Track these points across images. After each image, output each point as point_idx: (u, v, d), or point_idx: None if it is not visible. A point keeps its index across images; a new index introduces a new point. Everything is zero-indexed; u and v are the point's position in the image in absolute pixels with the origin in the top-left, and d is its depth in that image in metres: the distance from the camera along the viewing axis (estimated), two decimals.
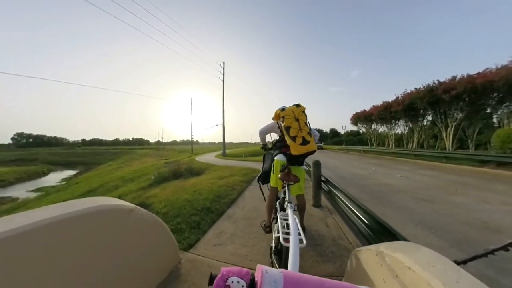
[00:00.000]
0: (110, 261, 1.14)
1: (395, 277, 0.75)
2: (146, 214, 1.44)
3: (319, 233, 2.32)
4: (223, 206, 3.18)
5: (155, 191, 4.73)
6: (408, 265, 0.72)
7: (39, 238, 0.84)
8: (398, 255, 0.78)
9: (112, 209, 1.18)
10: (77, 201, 1.12)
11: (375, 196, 4.05)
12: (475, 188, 4.68)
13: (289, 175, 1.57)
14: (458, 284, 0.59)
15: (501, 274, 1.75)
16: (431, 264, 0.68)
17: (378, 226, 1.48)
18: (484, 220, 2.87)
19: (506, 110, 10.41)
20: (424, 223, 2.79)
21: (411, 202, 3.72)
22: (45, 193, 14.29)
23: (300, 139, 1.66)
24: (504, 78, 9.27)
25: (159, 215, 2.93)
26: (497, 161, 7.00)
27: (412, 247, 0.86)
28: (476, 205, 3.51)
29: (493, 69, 10.49)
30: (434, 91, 12.25)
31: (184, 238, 2.12)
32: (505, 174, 6.07)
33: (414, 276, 0.68)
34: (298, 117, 1.73)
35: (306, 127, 1.72)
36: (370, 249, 0.99)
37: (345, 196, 2.22)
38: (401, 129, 17.95)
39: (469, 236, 2.44)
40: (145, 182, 7.57)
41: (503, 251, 2.12)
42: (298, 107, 1.81)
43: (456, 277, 0.63)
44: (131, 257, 1.28)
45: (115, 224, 1.19)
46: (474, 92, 10.45)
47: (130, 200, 4.44)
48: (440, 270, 0.65)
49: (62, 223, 0.91)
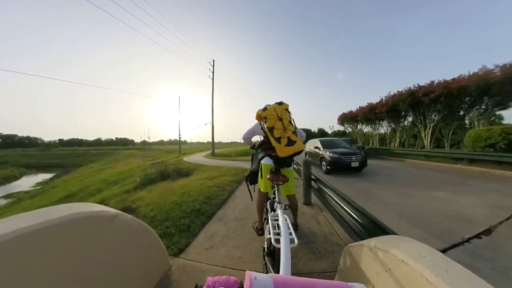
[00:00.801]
0: (92, 274, 1.04)
1: (389, 270, 0.77)
2: (131, 220, 1.35)
3: (311, 231, 2.35)
4: (213, 207, 3.12)
5: (141, 194, 4.53)
6: (400, 258, 0.74)
7: (4, 253, 0.73)
8: (391, 249, 0.80)
9: (92, 216, 1.07)
10: (50, 209, 1.01)
11: (361, 192, 4.21)
12: (451, 182, 5.04)
13: (278, 175, 1.54)
14: (447, 273, 0.62)
15: (476, 260, 1.90)
16: (422, 256, 0.71)
17: (368, 221, 1.53)
18: (459, 211, 3.10)
19: (477, 112, 11.39)
20: (407, 216, 2.95)
21: (394, 197, 3.92)
22: (17, 199, 13.10)
23: (286, 139, 1.54)
24: (476, 84, 10.15)
25: (146, 220, 2.82)
26: (469, 159, 7.60)
27: (403, 241, 0.88)
28: (452, 198, 3.77)
29: (466, 75, 11.42)
30: (414, 94, 13.09)
31: (174, 243, 2.04)
32: (476, 170, 6.62)
33: (407, 269, 0.70)
34: (281, 116, 1.59)
35: (291, 125, 1.60)
36: (362, 245, 1.01)
37: (334, 194, 2.27)
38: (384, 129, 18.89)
39: (447, 226, 2.62)
40: (130, 185, 7.22)
41: (476, 239, 2.33)
42: (281, 105, 1.67)
43: (445, 266, 0.65)
44: (116, 267, 1.19)
45: (96, 232, 1.08)
46: (449, 96, 11.34)
47: (114, 204, 4.20)
48: (430, 261, 0.68)
49: (32, 235, 0.80)
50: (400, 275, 0.73)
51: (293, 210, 2.01)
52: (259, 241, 2.05)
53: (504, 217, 2.84)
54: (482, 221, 2.72)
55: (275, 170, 1.63)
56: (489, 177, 5.62)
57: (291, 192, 1.90)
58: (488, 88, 10.05)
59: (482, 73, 10.67)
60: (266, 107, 1.68)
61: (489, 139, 7.71)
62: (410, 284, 0.68)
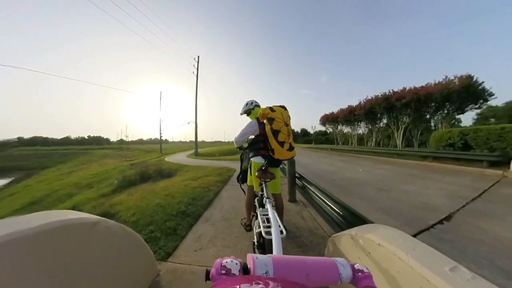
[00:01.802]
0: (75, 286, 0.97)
1: (368, 254, 0.87)
2: (114, 226, 1.27)
3: (297, 226, 2.45)
4: (199, 208, 3.07)
5: (121, 197, 4.27)
6: (377, 242, 0.83)
7: None
8: (369, 236, 0.90)
9: (69, 224, 0.97)
10: (20, 218, 0.89)
11: (342, 189, 4.47)
12: (419, 177, 5.59)
13: (266, 173, 1.61)
14: (415, 251, 0.72)
15: (440, 242, 2.18)
16: (395, 239, 0.81)
17: (349, 213, 1.66)
18: (425, 202, 3.47)
19: (440, 116, 12.87)
20: (382, 208, 3.22)
21: (372, 191, 4.24)
22: None
23: (288, 145, 1.67)
24: (440, 91, 11.48)
25: (127, 225, 2.67)
26: (433, 156, 8.50)
27: (379, 228, 0.99)
28: (419, 191, 4.20)
29: (432, 83, 12.81)
30: (389, 98, 14.37)
31: (161, 247, 1.97)
32: (439, 166, 7.43)
33: (383, 251, 0.80)
34: (287, 122, 1.70)
35: (291, 133, 1.74)
36: (345, 234, 1.11)
37: (318, 190, 2.40)
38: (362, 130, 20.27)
39: (416, 215, 2.93)
40: (107, 188, 6.75)
41: (439, 225, 2.64)
42: (285, 110, 1.76)
43: (413, 246, 0.76)
44: (101, 277, 1.11)
45: (75, 242, 0.99)
46: (418, 101, 12.66)
47: (90, 209, 3.91)
48: (401, 243, 0.78)
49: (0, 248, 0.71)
50: (378, 257, 0.83)
51: (279, 210, 2.00)
52: (248, 238, 2.08)
53: (461, 205, 3.27)
54: (444, 209, 3.09)
55: (264, 168, 1.71)
56: (450, 172, 6.36)
57: (277, 191, 1.95)
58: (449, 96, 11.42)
59: (445, 82, 12.08)
60: (272, 107, 1.72)
61: (450, 139, 8.71)
62: (386, 263, 0.78)
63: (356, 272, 0.47)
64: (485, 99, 11.32)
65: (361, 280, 0.45)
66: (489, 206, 3.16)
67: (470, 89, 11.01)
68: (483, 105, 11.82)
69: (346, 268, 0.46)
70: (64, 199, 7.87)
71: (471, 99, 11.35)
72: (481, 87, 11.10)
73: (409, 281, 0.68)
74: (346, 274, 0.45)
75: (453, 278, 0.60)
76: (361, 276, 0.46)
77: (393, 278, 0.74)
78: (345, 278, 0.45)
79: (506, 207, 3.08)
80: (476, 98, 11.30)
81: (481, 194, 3.80)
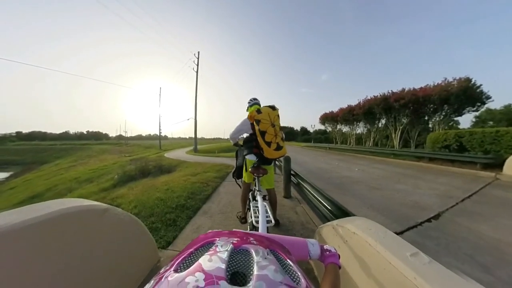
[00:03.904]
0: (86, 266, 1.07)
1: (345, 242, 0.99)
2: (121, 213, 1.39)
3: (290, 220, 2.58)
4: (198, 202, 3.19)
5: (122, 191, 4.39)
6: (353, 231, 0.95)
7: None
8: (347, 225, 1.02)
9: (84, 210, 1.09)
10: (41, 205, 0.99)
11: (337, 187, 4.61)
12: (412, 177, 5.73)
13: (259, 169, 1.72)
14: (384, 238, 0.84)
15: (427, 239, 2.31)
16: (368, 228, 0.93)
17: (338, 209, 1.78)
18: (416, 201, 3.61)
19: (438, 118, 12.95)
20: (374, 206, 3.35)
21: (365, 190, 4.38)
22: None
23: (275, 144, 1.72)
24: (438, 93, 11.56)
25: None
26: (429, 157, 8.65)
27: (356, 219, 1.11)
28: (411, 190, 4.34)
29: (431, 85, 12.88)
30: (387, 99, 14.44)
31: (161, 237, 2.10)
32: (433, 166, 7.58)
33: (357, 238, 0.92)
34: (274, 122, 1.74)
35: (280, 132, 1.77)
36: (328, 225, 1.23)
37: (311, 187, 2.52)
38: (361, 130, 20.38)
39: (405, 213, 3.06)
40: (108, 183, 6.86)
41: (427, 223, 2.77)
42: (274, 110, 1.80)
43: (384, 235, 0.88)
44: (108, 259, 1.22)
45: (88, 226, 1.10)
46: (416, 103, 12.72)
47: None
48: (373, 232, 0.90)
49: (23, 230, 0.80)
50: (353, 244, 0.94)
51: (273, 204, 2.09)
52: (243, 229, 2.20)
53: (451, 204, 3.39)
54: (433, 208, 3.23)
55: (257, 165, 1.81)
56: (444, 173, 6.50)
57: (270, 186, 2.06)
58: (447, 98, 11.51)
59: (444, 84, 12.15)
60: (259, 109, 1.79)
61: (445, 141, 8.86)
62: (359, 250, 0.90)
63: (324, 251, 0.55)
64: (482, 102, 11.44)
65: (328, 258, 0.53)
66: (477, 207, 3.29)
67: (468, 91, 11.12)
68: (480, 108, 11.94)
69: (315, 247, 0.56)
70: (64, 193, 7.99)
71: (469, 101, 11.46)
72: (479, 90, 11.20)
73: (376, 264, 0.79)
74: (314, 252, 0.55)
75: (413, 262, 0.71)
76: (328, 255, 0.54)
77: (364, 262, 0.85)
78: (314, 255, 0.54)
79: (494, 208, 3.21)
80: (474, 100, 11.41)
81: (472, 195, 3.93)
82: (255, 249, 0.34)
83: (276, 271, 0.29)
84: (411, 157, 9.76)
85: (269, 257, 0.33)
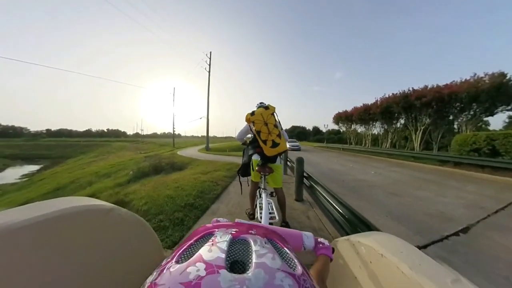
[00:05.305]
0: (89, 267, 1.06)
1: (370, 263, 0.84)
2: (126, 213, 1.37)
3: (301, 225, 2.44)
4: (207, 201, 3.16)
5: (135, 187, 4.51)
6: (380, 252, 0.80)
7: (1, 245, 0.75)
8: (372, 244, 0.87)
9: (89, 209, 1.08)
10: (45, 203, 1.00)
11: (352, 190, 4.36)
12: (435, 183, 5.28)
13: (265, 167, 1.83)
14: (420, 266, 0.69)
15: (453, 255, 2.06)
16: (399, 250, 0.78)
17: (354, 217, 1.62)
18: (441, 210, 3.28)
19: (465, 118, 11.83)
20: (392, 214, 3.09)
21: (382, 195, 4.09)
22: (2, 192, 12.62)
23: (270, 142, 1.77)
24: (467, 90, 10.54)
25: (139, 213, 2.83)
26: (454, 161, 7.95)
27: (383, 236, 0.95)
28: (435, 198, 3.97)
29: (457, 82, 11.81)
30: (408, 97, 13.47)
31: (168, 236, 2.08)
32: (460, 172, 6.95)
33: (385, 262, 0.77)
34: (267, 121, 1.77)
35: (275, 129, 1.79)
36: (347, 239, 1.08)
37: (325, 191, 2.36)
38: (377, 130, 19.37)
39: (429, 224, 2.78)
40: (123, 178, 7.14)
41: (454, 236, 2.49)
42: (267, 109, 1.84)
43: (419, 260, 0.72)
44: (113, 259, 1.21)
45: (93, 226, 1.10)
46: (441, 101, 11.72)
47: (107, 197, 4.17)
48: (406, 255, 0.74)
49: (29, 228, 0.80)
50: (379, 267, 0.80)
51: (281, 204, 2.09)
52: None
53: (482, 217, 3.03)
54: (462, 220, 2.90)
55: (262, 164, 1.91)
56: (472, 179, 5.93)
57: (278, 185, 2.06)
58: (477, 95, 10.44)
59: (473, 80, 11.07)
60: (254, 111, 1.87)
61: (474, 144, 8.06)
62: (388, 275, 0.75)
63: (318, 243, 0.57)
64: None
65: (320, 249, 0.55)
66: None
67: (502, 88, 10.03)
68: None
69: (309, 239, 0.58)
70: (85, 186, 8.47)
71: (502, 99, 10.34)
72: None
73: None
74: (308, 243, 0.57)
75: None
76: (321, 247, 0.56)
77: None
78: (308, 246, 0.57)
79: None
80: (509, 98, 10.28)
81: (506, 207, 3.50)
82: (253, 238, 0.35)
83: (273, 259, 0.30)
84: (433, 160, 9.06)
85: (266, 245, 0.34)
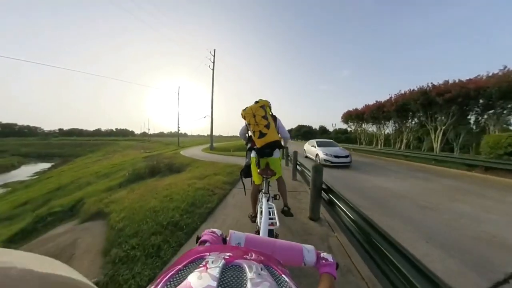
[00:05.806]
0: None
1: None
2: None
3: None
4: (196, 219, 2.53)
5: (121, 193, 4.01)
6: None
7: None
8: None
9: None
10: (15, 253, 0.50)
11: (374, 203, 3.64)
12: (471, 193, 4.46)
13: (267, 170, 1.81)
14: None
15: None
16: None
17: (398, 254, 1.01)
18: (493, 234, 2.55)
19: (495, 116, 10.57)
20: (435, 239, 2.38)
21: (414, 209, 3.35)
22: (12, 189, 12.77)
23: (258, 133, 1.78)
24: (497, 85, 9.36)
25: (112, 231, 2.28)
26: (485, 166, 6.99)
27: None
28: (479, 214, 3.21)
29: (484, 76, 10.62)
30: (427, 93, 12.26)
31: (134, 275, 1.50)
32: (494, 179, 6.03)
33: None
34: (255, 113, 1.77)
35: (263, 120, 1.76)
36: None
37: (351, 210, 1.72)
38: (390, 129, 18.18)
39: (483, 254, 2.09)
40: (118, 180, 6.73)
41: None
42: (257, 103, 1.86)
43: None
44: None
45: None
46: (467, 97, 10.55)
47: (91, 204, 3.69)
48: None
49: None
50: None
51: (282, 192, 2.15)
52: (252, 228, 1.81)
53: None
54: None
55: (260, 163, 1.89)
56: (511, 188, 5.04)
57: (277, 175, 2.04)
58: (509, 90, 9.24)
59: (502, 74, 9.88)
60: (246, 107, 1.87)
61: (510, 146, 7.05)
62: None
63: (321, 259, 0.51)
64: None
65: (324, 267, 0.49)
66: None
67: None
68: None
69: (311, 254, 0.52)
70: (83, 187, 8.17)
71: None
72: None
73: None
74: (310, 259, 0.51)
75: None
76: (324, 263, 0.50)
77: None
78: (309, 262, 0.51)
79: None
80: None
81: None
82: (248, 264, 0.32)
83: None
84: (458, 164, 8.09)
85: (263, 272, 0.31)
